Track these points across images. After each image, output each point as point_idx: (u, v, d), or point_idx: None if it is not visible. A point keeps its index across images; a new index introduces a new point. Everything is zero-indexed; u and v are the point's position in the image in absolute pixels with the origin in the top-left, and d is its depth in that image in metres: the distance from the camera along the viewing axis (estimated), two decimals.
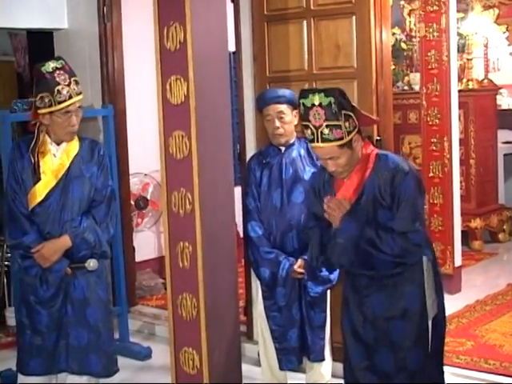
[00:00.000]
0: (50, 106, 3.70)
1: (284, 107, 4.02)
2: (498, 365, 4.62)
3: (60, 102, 3.70)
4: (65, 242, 3.76)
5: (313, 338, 4.12)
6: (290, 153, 4.11)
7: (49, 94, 3.69)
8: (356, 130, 3.12)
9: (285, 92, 4.09)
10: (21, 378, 3.92)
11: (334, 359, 4.25)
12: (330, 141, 3.05)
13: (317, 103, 3.04)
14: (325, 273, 3.90)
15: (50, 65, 3.72)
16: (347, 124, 3.07)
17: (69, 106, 3.72)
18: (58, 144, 3.82)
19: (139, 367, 5.13)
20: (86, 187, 3.82)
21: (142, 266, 6.63)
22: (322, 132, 3.05)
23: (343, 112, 3.05)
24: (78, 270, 3.80)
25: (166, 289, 3.82)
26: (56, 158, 3.81)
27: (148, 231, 6.86)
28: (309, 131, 3.10)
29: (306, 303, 4.09)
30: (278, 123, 4.03)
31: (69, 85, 3.72)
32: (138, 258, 6.43)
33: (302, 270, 3.98)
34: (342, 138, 3.06)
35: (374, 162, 3.17)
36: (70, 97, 3.72)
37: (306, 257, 3.84)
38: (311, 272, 3.93)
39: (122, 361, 4.94)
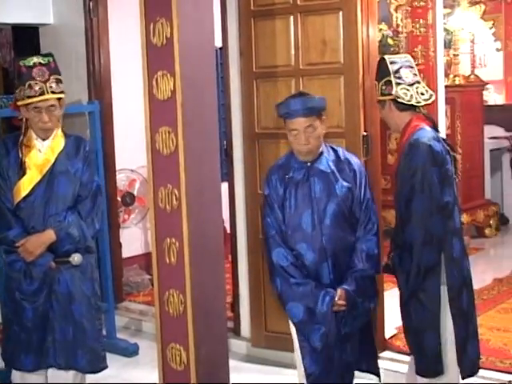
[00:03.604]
0: (23, 99, 3.72)
1: (312, 119, 3.46)
2: (484, 359, 4.63)
3: (29, 97, 3.70)
4: (49, 236, 3.76)
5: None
6: (318, 165, 3.53)
7: (22, 87, 3.70)
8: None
9: (314, 101, 3.51)
10: (15, 374, 3.92)
11: None
12: None
13: None
14: (368, 302, 3.52)
15: (33, 60, 3.73)
16: None
17: (38, 102, 3.71)
18: (44, 140, 3.81)
19: (126, 363, 5.13)
20: (70, 183, 3.82)
21: (128, 262, 6.62)
22: None
23: None
24: (63, 265, 3.80)
25: (152, 285, 3.81)
26: (41, 154, 3.80)
27: (135, 227, 6.85)
28: None
29: (346, 340, 3.53)
30: (305, 139, 3.46)
31: (45, 82, 3.71)
32: (125, 254, 6.43)
33: (343, 302, 3.45)
34: None
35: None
36: (42, 93, 3.70)
37: (346, 286, 3.44)
38: (352, 302, 3.46)
39: (108, 357, 4.91)
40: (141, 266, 6.82)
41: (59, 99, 3.81)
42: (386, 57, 3.71)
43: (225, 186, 4.72)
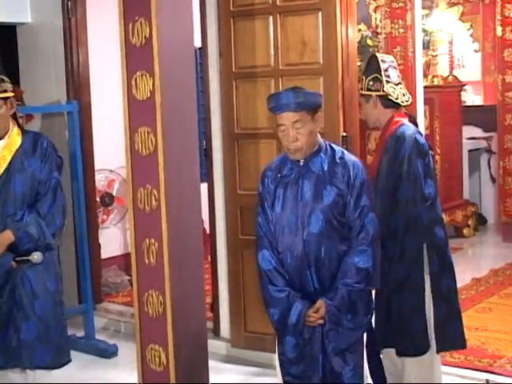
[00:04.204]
0: None
1: (302, 115, 3.18)
2: (462, 358, 4.67)
3: None
4: (7, 236, 3.77)
5: None
6: (310, 166, 3.25)
7: None
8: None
9: (304, 96, 3.23)
10: None
11: None
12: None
13: None
14: (354, 318, 3.18)
15: None
16: None
17: None
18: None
19: (105, 364, 5.11)
20: (27, 181, 3.82)
21: (107, 262, 6.59)
22: None
23: None
24: (24, 264, 3.80)
25: (132, 286, 3.80)
26: None
27: (114, 228, 6.82)
28: None
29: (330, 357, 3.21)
30: (293, 136, 3.19)
31: None
32: (104, 254, 6.39)
33: (316, 316, 3.16)
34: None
35: None
36: None
37: (327, 300, 3.16)
38: (335, 317, 3.17)
39: (87, 358, 4.93)
40: (120, 267, 6.79)
41: (5, 98, 3.79)
42: (377, 54, 3.95)
43: (204, 187, 4.71)
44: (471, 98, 9.18)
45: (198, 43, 4.45)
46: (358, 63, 6.29)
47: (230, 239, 5.01)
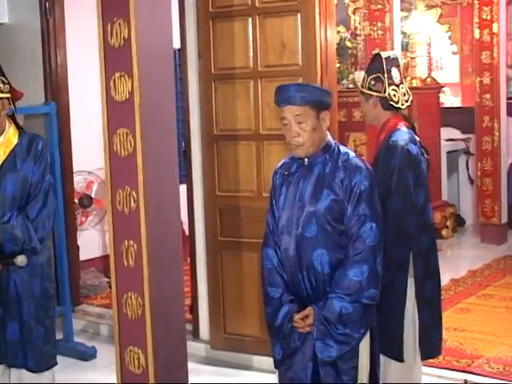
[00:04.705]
0: None
1: (305, 109, 3.06)
2: (441, 359, 4.68)
3: None
4: None
5: None
6: (313, 167, 3.12)
7: None
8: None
9: (308, 90, 3.12)
10: None
11: None
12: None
13: None
14: (344, 330, 3.03)
15: None
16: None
17: None
18: None
19: (84, 367, 5.08)
20: (19, 182, 3.77)
21: (86, 264, 6.57)
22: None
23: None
24: (10, 266, 3.77)
25: (110, 288, 3.79)
26: None
27: (92, 230, 6.80)
28: None
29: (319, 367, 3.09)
30: (295, 131, 3.08)
31: None
32: (83, 256, 6.37)
33: (302, 323, 3.04)
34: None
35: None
36: None
37: (317, 308, 3.03)
38: (324, 327, 3.03)
39: (66, 361, 4.90)
40: (98, 269, 6.77)
41: None
42: (382, 53, 3.89)
43: (183, 188, 4.70)
44: (449, 99, 9.24)
45: (176, 44, 4.44)
46: (337, 65, 6.32)
47: (209, 241, 5.00)
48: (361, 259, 3.02)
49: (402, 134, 3.74)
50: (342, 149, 3.17)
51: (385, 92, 3.77)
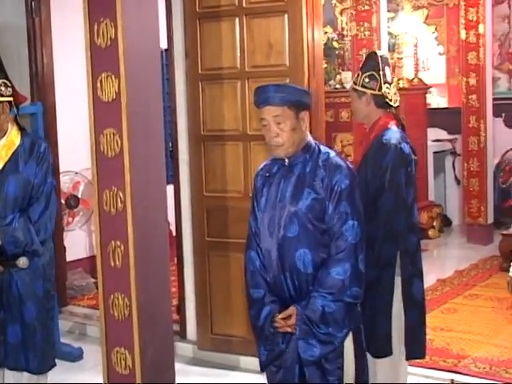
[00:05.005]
0: None
1: (283, 110, 3.03)
2: (428, 359, 4.68)
3: None
4: None
5: None
6: (293, 167, 3.10)
7: None
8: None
9: (287, 90, 3.10)
10: None
11: None
12: None
13: None
14: (327, 330, 3.00)
15: None
16: None
17: None
18: None
19: (70, 368, 5.06)
20: (21, 184, 3.75)
21: (72, 265, 6.55)
22: None
23: None
24: (12, 268, 3.76)
25: (97, 288, 3.78)
26: None
27: (79, 230, 6.78)
28: None
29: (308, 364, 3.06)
30: (274, 131, 3.04)
31: None
32: (69, 257, 6.36)
33: (284, 323, 3.02)
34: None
35: None
36: None
37: (299, 307, 3.01)
38: (307, 327, 3.01)
39: None
40: (85, 270, 6.75)
41: None
42: (377, 51, 4.00)
43: (170, 189, 4.69)
44: (436, 100, 9.27)
45: (163, 45, 4.44)
46: (324, 65, 6.33)
47: (197, 241, 5.00)
48: (343, 257, 3.00)
49: (394, 133, 3.78)
50: (323, 148, 3.15)
51: (380, 90, 3.79)
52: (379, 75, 3.80)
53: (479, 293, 6.25)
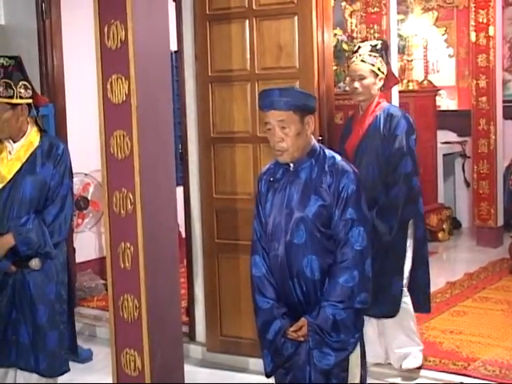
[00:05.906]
0: None
1: (288, 114, 3.00)
2: (437, 361, 4.69)
3: None
4: (7, 240, 3.71)
5: None
6: (299, 173, 3.08)
7: None
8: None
9: (292, 94, 3.04)
10: None
11: None
12: None
13: None
14: (339, 337, 3.00)
15: None
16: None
17: None
18: (15, 141, 3.77)
19: (80, 370, 5.06)
20: (37, 185, 3.75)
21: (82, 266, 6.56)
22: None
23: None
24: (24, 268, 3.76)
25: (106, 290, 3.78)
26: (11, 155, 3.77)
27: (89, 232, 6.78)
28: None
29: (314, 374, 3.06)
30: (279, 136, 3.02)
31: None
32: (79, 258, 6.36)
33: (295, 335, 3.02)
34: None
35: None
36: None
37: (310, 318, 3.00)
38: (319, 337, 3.00)
39: None
40: (95, 271, 6.76)
41: (14, 105, 3.73)
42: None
43: (180, 190, 4.70)
44: (446, 102, 9.24)
45: (173, 47, 4.44)
46: (334, 67, 6.33)
47: (206, 243, 5.00)
48: (350, 265, 2.99)
49: (395, 107, 4.52)
50: (328, 153, 3.13)
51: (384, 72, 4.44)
52: (388, 62, 4.50)
53: (489, 295, 6.23)
